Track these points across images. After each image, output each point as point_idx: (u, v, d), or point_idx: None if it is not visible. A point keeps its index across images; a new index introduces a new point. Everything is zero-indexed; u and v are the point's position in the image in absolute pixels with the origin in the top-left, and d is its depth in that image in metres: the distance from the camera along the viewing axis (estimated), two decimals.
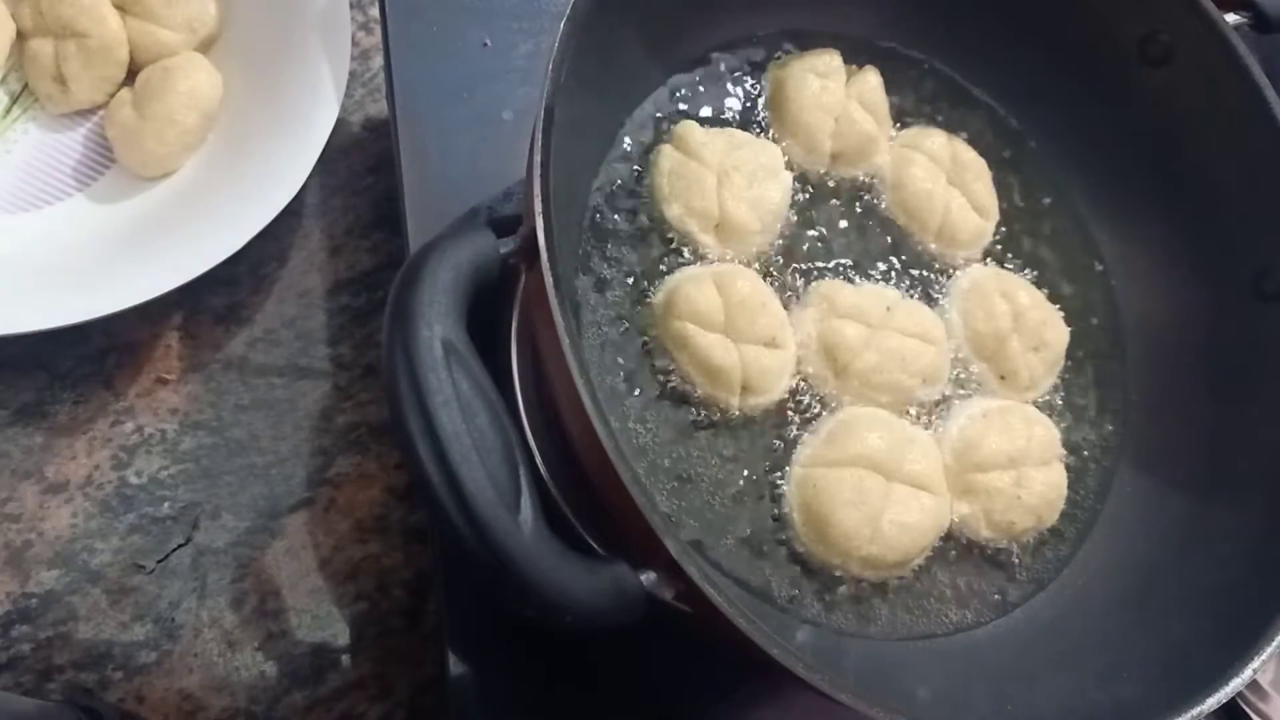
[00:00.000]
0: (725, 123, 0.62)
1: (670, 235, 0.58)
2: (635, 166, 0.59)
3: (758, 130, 0.62)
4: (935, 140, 0.64)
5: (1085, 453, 0.62)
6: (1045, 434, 0.59)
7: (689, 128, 0.59)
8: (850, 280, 0.60)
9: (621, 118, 0.60)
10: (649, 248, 0.57)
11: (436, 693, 0.60)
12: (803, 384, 0.57)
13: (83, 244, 0.64)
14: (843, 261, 0.61)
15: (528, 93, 0.66)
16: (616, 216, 0.58)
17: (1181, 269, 0.65)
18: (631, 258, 0.57)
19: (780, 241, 0.60)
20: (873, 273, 0.61)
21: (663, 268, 0.57)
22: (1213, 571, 0.56)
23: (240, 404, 0.65)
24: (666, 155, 0.59)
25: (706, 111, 0.62)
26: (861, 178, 0.64)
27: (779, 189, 0.60)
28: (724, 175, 0.58)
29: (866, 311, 0.58)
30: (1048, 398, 0.63)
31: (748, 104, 0.63)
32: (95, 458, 0.63)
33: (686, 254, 0.58)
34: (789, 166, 0.61)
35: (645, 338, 0.55)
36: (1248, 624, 0.51)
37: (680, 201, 0.58)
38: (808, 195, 0.62)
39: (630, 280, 0.56)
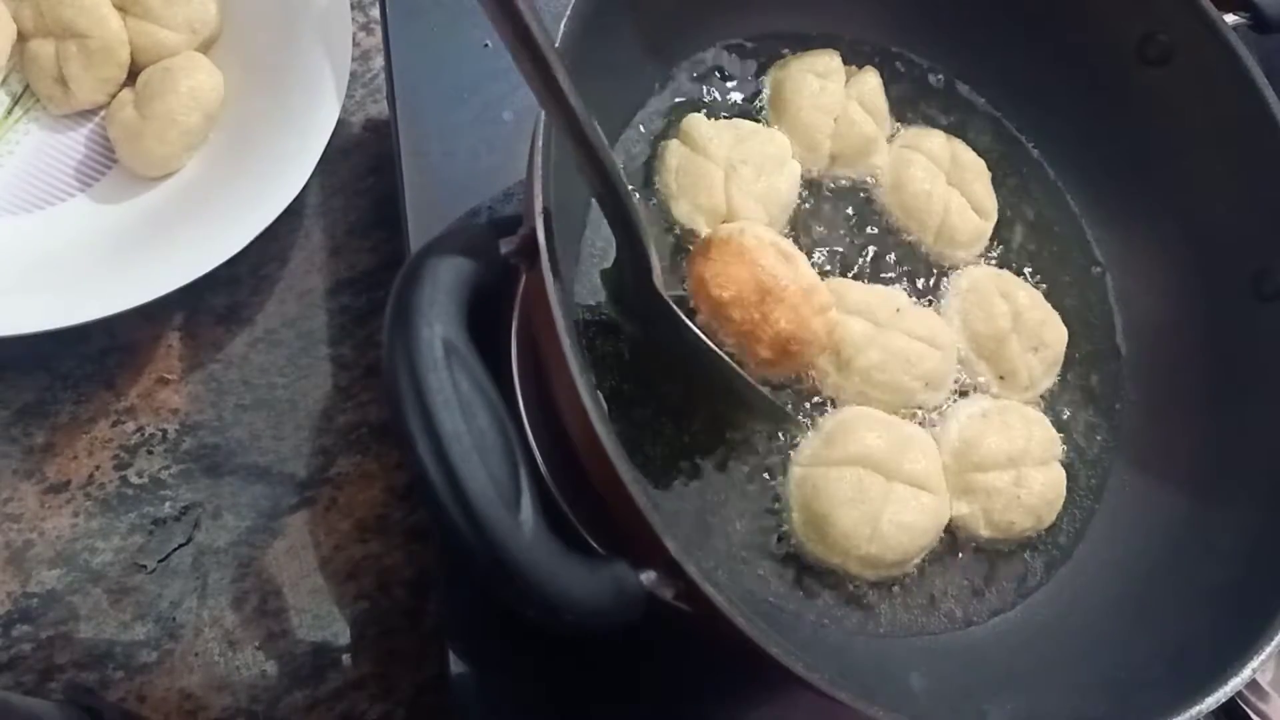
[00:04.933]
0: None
1: (676, 230, 0.58)
2: (636, 165, 0.60)
3: None
4: (934, 141, 0.64)
5: (1084, 452, 0.62)
6: (1044, 434, 0.59)
7: (695, 121, 0.59)
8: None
9: (622, 117, 0.60)
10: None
11: (437, 692, 0.61)
12: (804, 380, 0.57)
13: (85, 244, 0.64)
14: (842, 261, 0.61)
15: (528, 93, 0.66)
16: None
17: (1181, 269, 0.65)
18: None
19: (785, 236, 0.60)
20: (872, 273, 0.61)
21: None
22: (1212, 571, 0.56)
23: (241, 404, 0.65)
24: (673, 151, 0.59)
25: (707, 112, 0.62)
26: (861, 178, 0.64)
27: (787, 180, 0.60)
28: (731, 169, 0.58)
29: (875, 310, 0.58)
30: (1047, 397, 0.63)
31: (748, 105, 0.63)
32: (96, 458, 0.63)
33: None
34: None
35: None
36: (1247, 624, 0.51)
37: (688, 198, 0.58)
38: (807, 196, 0.62)
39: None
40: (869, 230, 0.63)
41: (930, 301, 0.62)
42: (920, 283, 0.62)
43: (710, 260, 0.53)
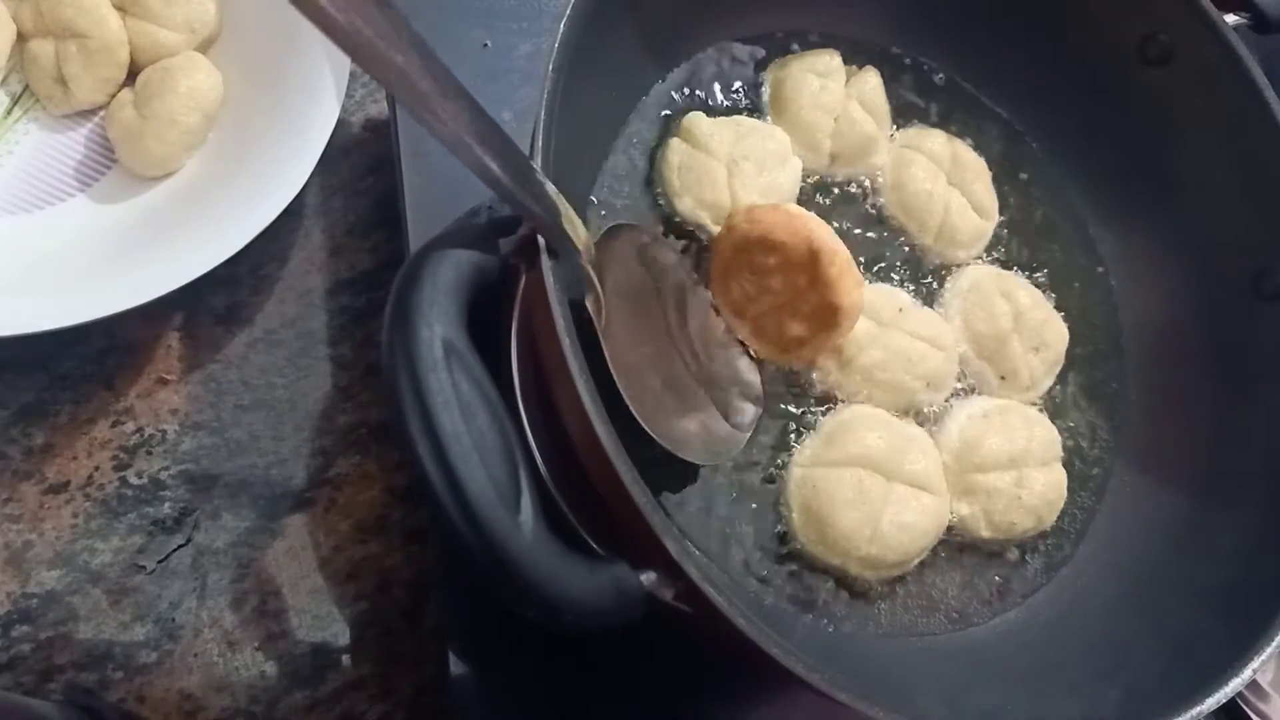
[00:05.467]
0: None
1: (679, 228, 0.58)
2: (637, 164, 0.60)
3: None
4: (935, 140, 0.64)
5: (1085, 452, 0.62)
6: (1045, 434, 0.59)
7: (696, 119, 0.59)
8: None
9: (622, 117, 0.60)
10: None
11: (436, 693, 0.60)
12: (806, 378, 0.57)
13: (84, 244, 0.64)
14: None
15: (528, 93, 0.66)
16: (619, 213, 0.58)
17: (1181, 269, 0.65)
18: None
19: None
20: (873, 272, 0.61)
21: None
22: (1212, 571, 0.56)
23: (240, 404, 0.65)
24: (674, 149, 0.59)
25: (707, 111, 0.62)
26: (861, 178, 0.64)
27: (789, 175, 0.60)
28: (733, 165, 0.58)
29: (878, 309, 0.58)
30: (1048, 398, 0.63)
31: (749, 104, 0.63)
32: (96, 458, 0.63)
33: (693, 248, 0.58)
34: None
35: None
36: (1247, 624, 0.51)
37: (691, 195, 0.58)
38: (808, 195, 0.62)
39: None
40: (869, 230, 0.63)
41: (931, 301, 0.62)
42: (921, 283, 0.62)
43: (757, 222, 0.52)
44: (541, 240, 0.43)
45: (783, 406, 0.57)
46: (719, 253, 0.56)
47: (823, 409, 0.57)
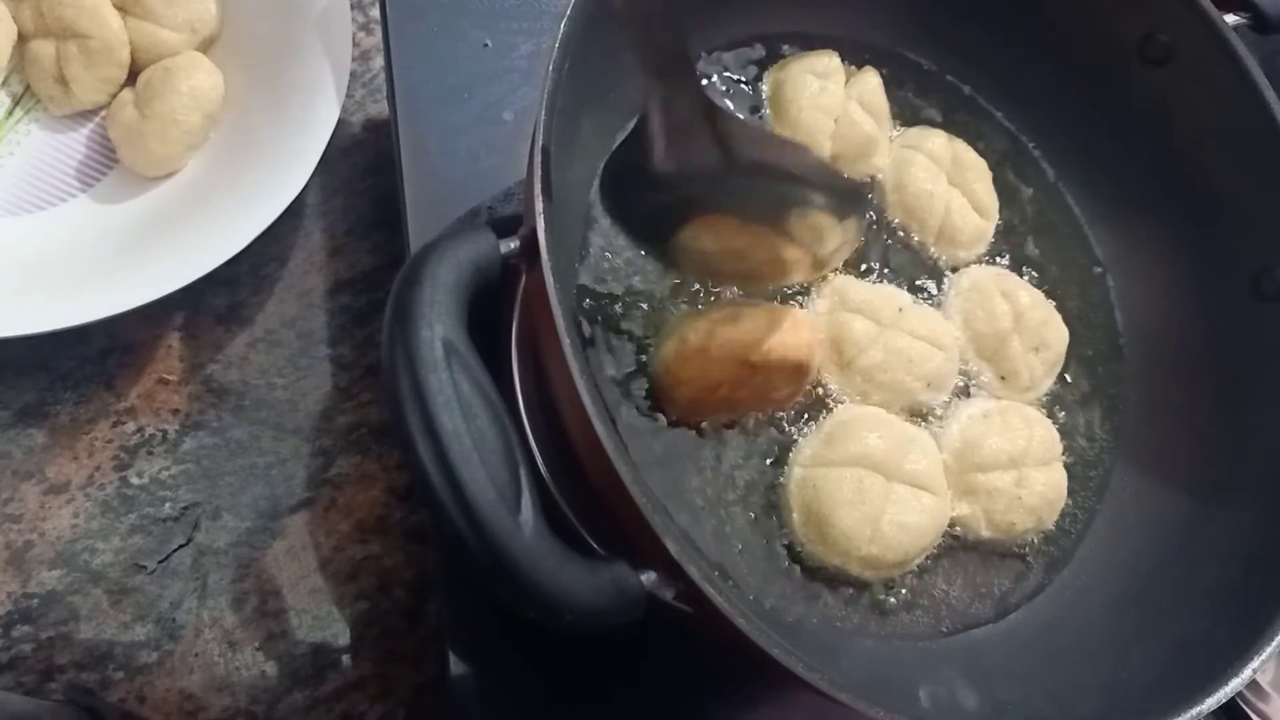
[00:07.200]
0: None
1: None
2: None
3: None
4: (935, 141, 0.64)
5: (1085, 453, 0.62)
6: (1046, 434, 0.59)
7: None
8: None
9: (623, 116, 0.60)
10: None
11: (437, 693, 0.60)
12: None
13: (86, 245, 0.64)
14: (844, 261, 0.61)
15: (528, 93, 0.67)
16: (619, 211, 0.58)
17: (1181, 269, 0.65)
18: (634, 254, 0.57)
19: None
20: (872, 273, 0.61)
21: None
22: (1212, 571, 0.56)
23: (241, 404, 0.65)
24: None
25: None
26: (862, 178, 0.64)
27: None
28: None
29: (877, 309, 0.58)
30: (1048, 398, 0.63)
31: (749, 106, 0.63)
32: (96, 458, 0.63)
33: None
34: None
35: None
36: (1247, 624, 0.51)
37: None
38: None
39: (633, 276, 0.56)
40: (869, 230, 0.62)
41: (932, 301, 0.62)
42: (921, 283, 0.62)
43: (686, 385, 0.53)
44: (542, 240, 0.43)
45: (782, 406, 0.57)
46: (677, 401, 0.55)
47: (823, 409, 0.57)
